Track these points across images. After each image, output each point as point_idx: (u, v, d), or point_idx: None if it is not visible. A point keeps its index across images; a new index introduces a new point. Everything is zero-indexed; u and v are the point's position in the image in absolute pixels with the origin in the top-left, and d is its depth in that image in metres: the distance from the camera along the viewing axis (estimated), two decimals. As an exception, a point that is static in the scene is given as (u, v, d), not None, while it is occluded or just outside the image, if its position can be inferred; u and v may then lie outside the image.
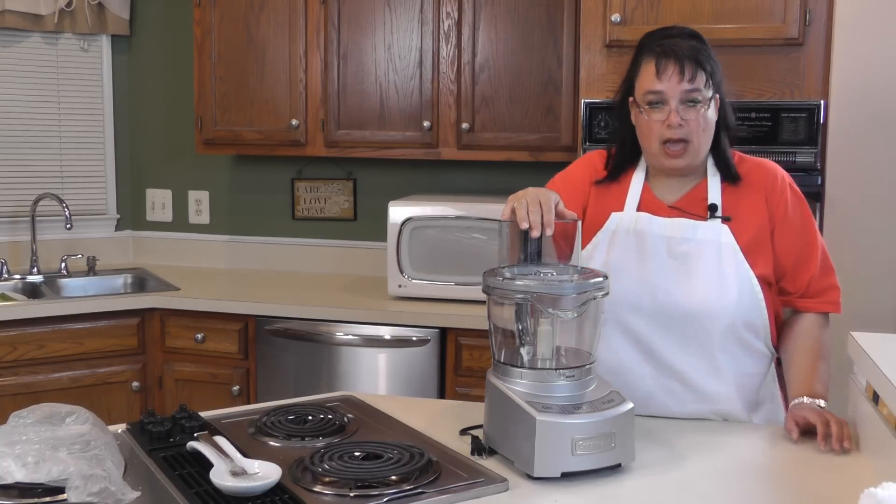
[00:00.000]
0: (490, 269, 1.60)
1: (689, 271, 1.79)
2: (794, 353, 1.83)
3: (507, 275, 1.56)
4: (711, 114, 1.80)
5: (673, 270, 1.80)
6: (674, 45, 1.77)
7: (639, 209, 1.86)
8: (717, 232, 1.80)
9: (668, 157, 1.79)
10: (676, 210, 1.84)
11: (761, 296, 1.80)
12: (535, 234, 1.56)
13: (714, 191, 1.84)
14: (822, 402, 1.72)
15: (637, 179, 1.89)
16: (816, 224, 1.88)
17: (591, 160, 1.96)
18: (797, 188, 1.88)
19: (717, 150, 1.85)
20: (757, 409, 1.86)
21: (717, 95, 1.81)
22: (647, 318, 1.80)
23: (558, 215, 1.61)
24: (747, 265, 1.79)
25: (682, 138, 1.77)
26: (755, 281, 1.79)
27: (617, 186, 1.90)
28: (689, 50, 1.76)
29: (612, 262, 1.82)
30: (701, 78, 1.76)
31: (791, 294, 1.85)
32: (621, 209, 1.87)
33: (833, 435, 1.61)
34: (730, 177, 1.84)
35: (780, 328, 1.90)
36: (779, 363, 1.90)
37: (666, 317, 1.79)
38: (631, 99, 1.84)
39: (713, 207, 1.82)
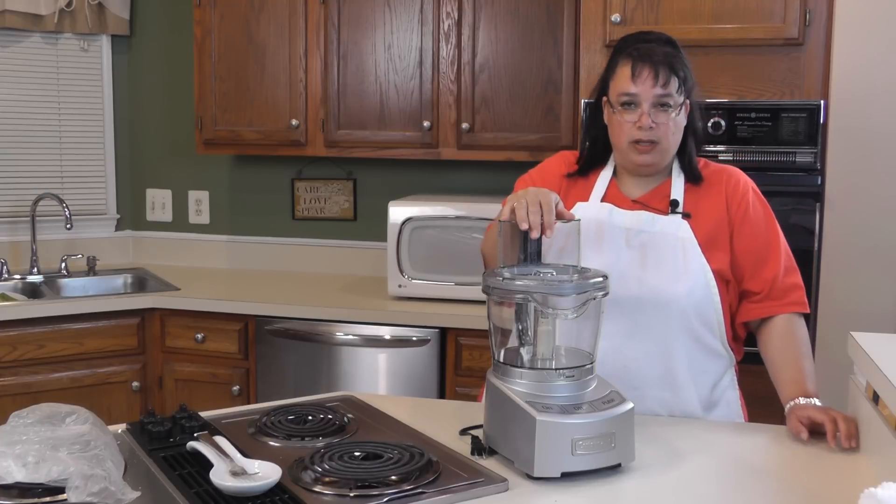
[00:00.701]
0: (490, 269, 1.61)
1: (643, 261, 1.84)
2: (777, 355, 1.84)
3: (507, 275, 1.56)
4: (681, 118, 1.85)
5: (628, 259, 1.84)
6: (650, 49, 1.82)
7: (603, 201, 1.91)
8: (675, 226, 1.85)
9: (638, 152, 1.84)
10: (639, 204, 1.90)
11: (716, 290, 1.83)
12: (535, 234, 1.58)
13: (677, 189, 1.89)
14: (816, 401, 1.74)
15: (605, 175, 1.95)
16: (780, 229, 1.92)
17: (566, 156, 2.04)
18: (760, 193, 1.92)
19: (682, 154, 1.90)
20: (711, 409, 1.87)
21: (688, 101, 1.86)
22: None
23: (558, 216, 1.62)
24: (704, 259, 1.83)
25: (651, 140, 1.82)
26: (710, 275, 1.83)
27: (584, 181, 1.96)
28: (664, 56, 1.81)
29: (568, 248, 1.85)
30: (674, 84, 1.81)
31: (757, 294, 1.86)
32: (586, 200, 1.92)
33: (842, 432, 1.62)
34: (693, 177, 1.90)
35: (755, 331, 1.90)
36: (739, 369, 1.92)
37: (618, 303, 1.81)
38: (605, 98, 1.89)
39: (674, 203, 1.87)
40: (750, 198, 1.88)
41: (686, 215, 1.85)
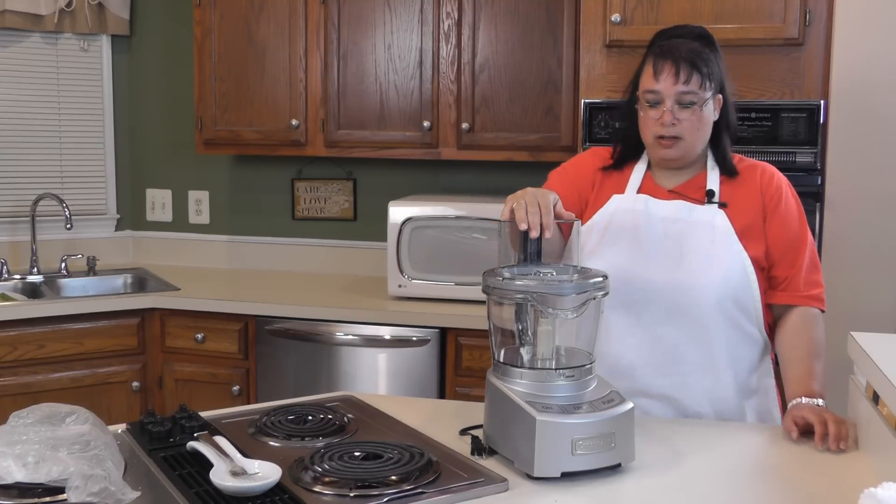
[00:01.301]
0: (490, 269, 1.61)
1: (679, 249, 1.85)
2: (789, 352, 1.85)
3: (507, 275, 1.56)
4: (708, 113, 1.85)
5: (664, 248, 1.86)
6: (674, 46, 1.83)
7: (639, 193, 1.93)
8: (712, 215, 1.86)
9: (661, 147, 1.86)
10: (675, 194, 1.91)
11: (754, 277, 1.84)
12: (535, 234, 1.58)
13: (713, 181, 1.90)
14: (820, 401, 1.73)
15: (639, 168, 1.97)
16: (809, 228, 1.92)
17: (598, 152, 2.05)
18: (794, 190, 1.93)
19: (716, 148, 1.91)
20: (749, 396, 1.88)
21: (720, 96, 1.87)
22: (635, 290, 1.84)
23: (557, 216, 1.62)
24: (741, 246, 1.84)
25: (674, 136, 1.84)
26: (748, 262, 1.84)
27: (619, 174, 1.98)
28: (687, 52, 1.82)
29: (607, 238, 1.89)
30: (696, 80, 1.81)
31: (781, 281, 1.88)
32: (622, 193, 1.94)
33: (830, 435, 1.62)
34: (727, 171, 1.91)
35: (774, 324, 1.91)
36: (776, 360, 1.92)
37: (654, 290, 1.83)
38: (638, 94, 1.90)
39: (710, 193, 1.88)
40: (784, 191, 1.90)
41: (723, 205, 1.87)
